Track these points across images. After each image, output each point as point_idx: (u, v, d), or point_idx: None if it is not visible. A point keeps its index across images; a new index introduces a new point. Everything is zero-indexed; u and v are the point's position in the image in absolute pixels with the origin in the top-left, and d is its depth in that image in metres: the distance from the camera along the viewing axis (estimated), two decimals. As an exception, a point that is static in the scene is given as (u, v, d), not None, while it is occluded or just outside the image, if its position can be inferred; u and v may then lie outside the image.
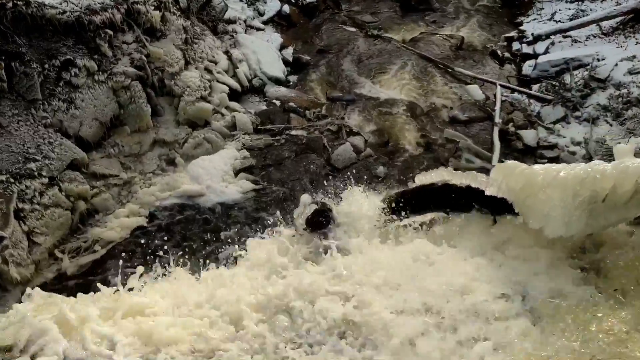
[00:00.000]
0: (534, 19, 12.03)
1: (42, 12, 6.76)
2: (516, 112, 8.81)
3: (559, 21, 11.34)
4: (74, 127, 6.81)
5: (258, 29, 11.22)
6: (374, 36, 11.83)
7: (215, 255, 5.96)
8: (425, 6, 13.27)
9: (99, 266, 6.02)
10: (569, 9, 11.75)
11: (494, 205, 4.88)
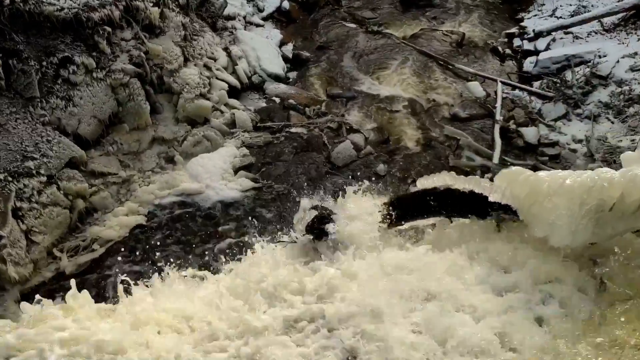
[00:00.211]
0: (535, 15, 11.96)
1: (40, 9, 6.72)
2: (517, 109, 8.77)
3: (560, 17, 11.27)
4: (72, 125, 6.77)
5: (257, 25, 11.16)
6: (374, 32, 11.76)
7: (212, 258, 5.90)
8: (425, 2, 13.18)
9: (98, 265, 5.99)
10: (570, 5, 11.67)
11: (498, 211, 4.80)
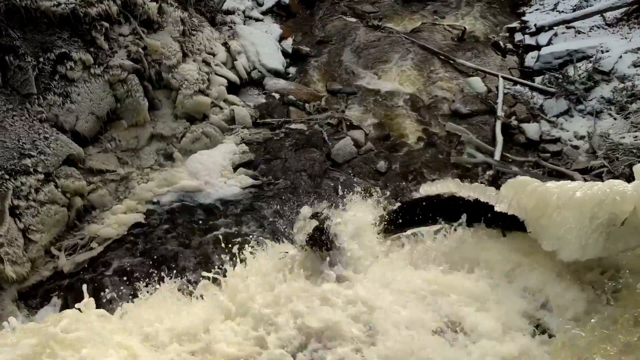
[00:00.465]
0: (537, 9, 11.84)
1: (37, 5, 6.62)
2: (519, 105, 8.70)
3: (562, 12, 11.17)
4: (70, 122, 6.71)
5: (257, 20, 11.09)
6: (375, 27, 11.67)
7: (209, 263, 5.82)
8: (426, -5, 13.08)
9: (96, 264, 5.94)
10: (572, -1, 11.58)
11: (504, 221, 4.69)
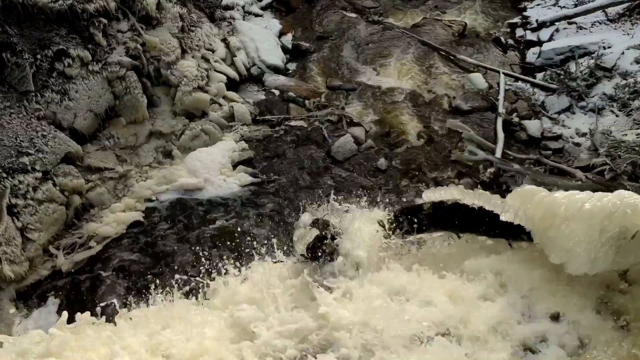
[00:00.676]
0: (538, 5, 11.74)
1: (34, 1, 6.57)
2: (520, 102, 8.64)
3: (564, 7, 11.07)
4: (68, 119, 6.66)
5: (256, 15, 10.99)
6: (375, 22, 11.58)
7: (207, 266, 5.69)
8: (427, -10, 12.99)
9: (95, 263, 5.90)
10: (574, -6, 11.49)
11: (509, 230, 4.59)
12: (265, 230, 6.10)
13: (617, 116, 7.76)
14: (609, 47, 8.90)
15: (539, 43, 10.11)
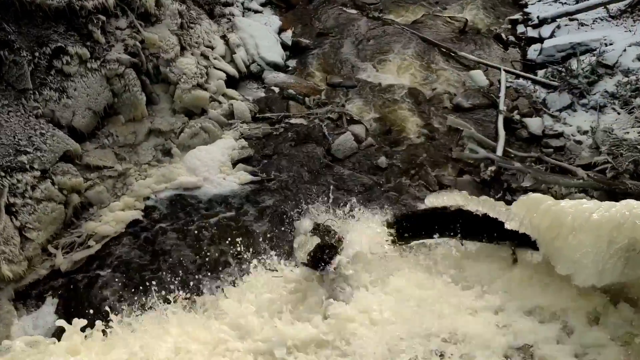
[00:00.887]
0: (539, 1, 11.65)
1: (32, -3, 6.52)
2: (521, 99, 8.59)
3: (565, 3, 11.00)
4: (67, 117, 6.61)
5: (256, 12, 10.92)
6: (375, 18, 11.53)
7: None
8: (427, -13, 12.90)
9: (94, 262, 5.87)
10: (575, -10, 11.41)
11: (515, 238, 4.50)
12: (265, 229, 6.06)
13: (619, 114, 7.72)
14: (611, 44, 8.85)
15: (540, 40, 10.06)
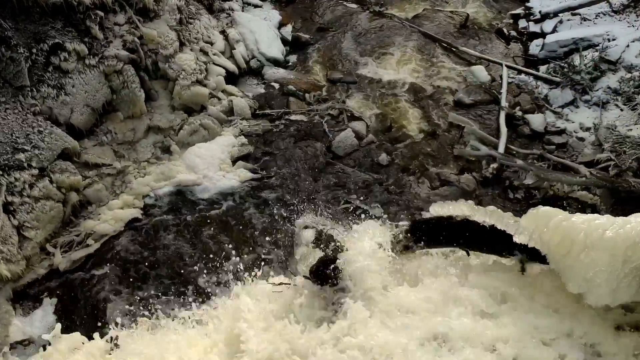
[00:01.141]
0: (541, -5, 11.61)
1: (29, -7, 6.44)
2: (523, 95, 8.53)
3: (568, -3, 10.94)
4: (65, 115, 6.56)
5: (255, 6, 10.83)
6: (376, 13, 11.43)
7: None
8: (428, -19, 12.80)
9: (92, 261, 5.83)
10: (578, -15, 11.31)
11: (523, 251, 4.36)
12: (265, 227, 6.01)
13: (622, 110, 7.65)
14: (614, 40, 8.78)
15: (542, 35, 9.97)
